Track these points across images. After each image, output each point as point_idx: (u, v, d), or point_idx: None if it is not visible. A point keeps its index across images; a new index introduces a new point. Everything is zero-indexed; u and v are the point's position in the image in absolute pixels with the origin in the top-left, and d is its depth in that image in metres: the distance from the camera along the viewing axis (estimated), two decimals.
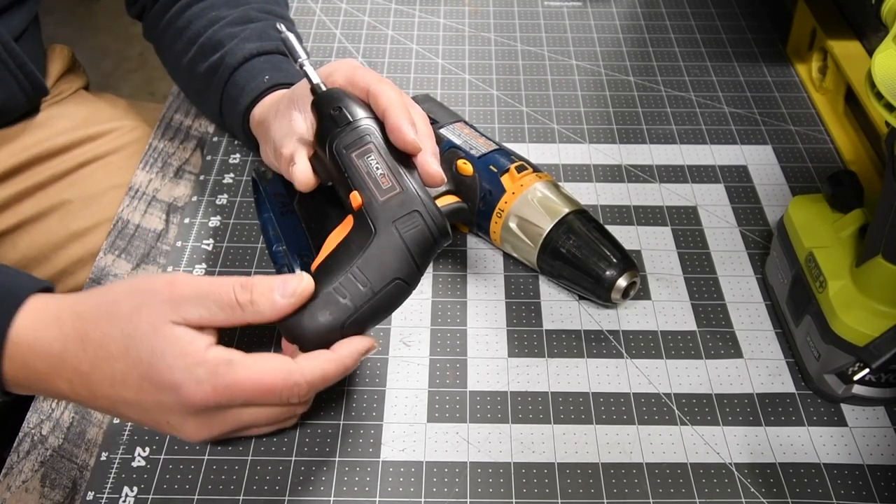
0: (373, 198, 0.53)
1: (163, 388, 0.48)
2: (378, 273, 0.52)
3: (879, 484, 0.55)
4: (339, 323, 0.51)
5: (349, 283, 0.52)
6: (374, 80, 0.57)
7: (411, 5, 0.99)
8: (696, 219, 0.73)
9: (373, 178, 0.54)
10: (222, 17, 0.76)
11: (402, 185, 0.54)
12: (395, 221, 0.53)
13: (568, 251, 0.63)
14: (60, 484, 0.56)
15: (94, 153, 0.86)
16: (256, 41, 0.73)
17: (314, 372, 0.50)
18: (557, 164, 0.78)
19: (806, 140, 0.81)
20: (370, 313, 0.52)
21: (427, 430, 0.58)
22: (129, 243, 0.71)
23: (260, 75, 0.70)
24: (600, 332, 0.64)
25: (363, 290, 0.51)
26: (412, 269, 0.53)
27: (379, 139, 0.55)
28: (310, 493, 0.55)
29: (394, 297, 0.53)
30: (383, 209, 0.53)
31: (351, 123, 0.55)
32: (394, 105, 0.55)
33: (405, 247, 0.53)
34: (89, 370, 0.49)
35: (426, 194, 0.54)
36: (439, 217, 0.54)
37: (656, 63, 0.91)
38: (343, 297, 0.51)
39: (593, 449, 0.57)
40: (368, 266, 0.52)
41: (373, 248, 0.52)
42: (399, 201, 0.53)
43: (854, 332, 0.55)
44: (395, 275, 0.52)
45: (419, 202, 0.53)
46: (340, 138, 0.55)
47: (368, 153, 0.54)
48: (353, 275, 0.52)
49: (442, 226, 0.54)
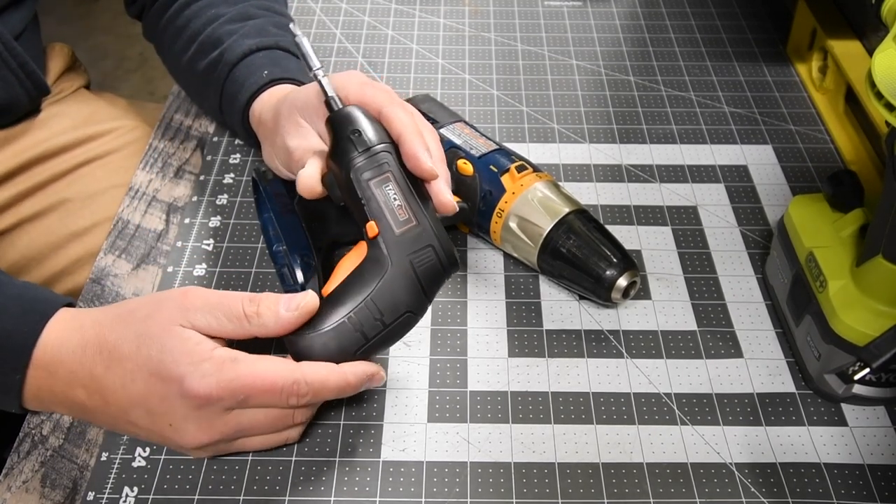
0: (389, 229, 0.54)
1: (169, 381, 0.50)
2: (391, 306, 0.53)
3: (880, 483, 0.55)
4: (350, 353, 0.53)
5: (362, 314, 0.53)
6: (385, 102, 0.57)
7: (411, 5, 0.99)
8: (696, 219, 0.73)
9: (390, 208, 0.54)
10: (221, 14, 0.76)
11: (418, 219, 0.54)
12: (410, 255, 0.54)
13: (568, 251, 0.63)
14: (61, 484, 0.56)
15: (95, 153, 0.86)
16: (255, 37, 0.73)
17: (316, 375, 0.51)
18: (557, 163, 0.78)
19: (806, 140, 0.81)
20: (380, 344, 0.54)
21: (427, 430, 0.58)
22: (129, 243, 0.71)
23: (259, 71, 0.71)
24: (600, 331, 0.64)
25: (375, 322, 0.53)
26: (422, 301, 0.54)
27: (396, 167, 0.55)
28: (310, 493, 0.55)
29: (403, 327, 0.54)
30: (399, 242, 0.54)
31: (369, 150, 0.55)
32: (408, 130, 0.55)
33: (418, 281, 0.54)
34: (103, 373, 0.51)
35: (439, 226, 0.55)
36: (450, 249, 0.55)
37: (656, 63, 0.91)
38: (356, 328, 0.52)
39: (593, 449, 0.57)
40: (382, 299, 0.53)
41: (387, 282, 0.53)
42: (415, 235, 0.54)
43: (854, 331, 0.55)
44: (407, 308, 0.53)
45: (433, 237, 0.54)
46: (359, 165, 0.55)
47: (386, 182, 0.55)
48: (367, 306, 0.53)
49: (452, 258, 0.55)
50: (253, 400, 0.50)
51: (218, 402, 0.50)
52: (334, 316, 0.52)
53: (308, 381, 0.51)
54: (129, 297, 0.67)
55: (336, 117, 0.56)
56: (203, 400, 0.49)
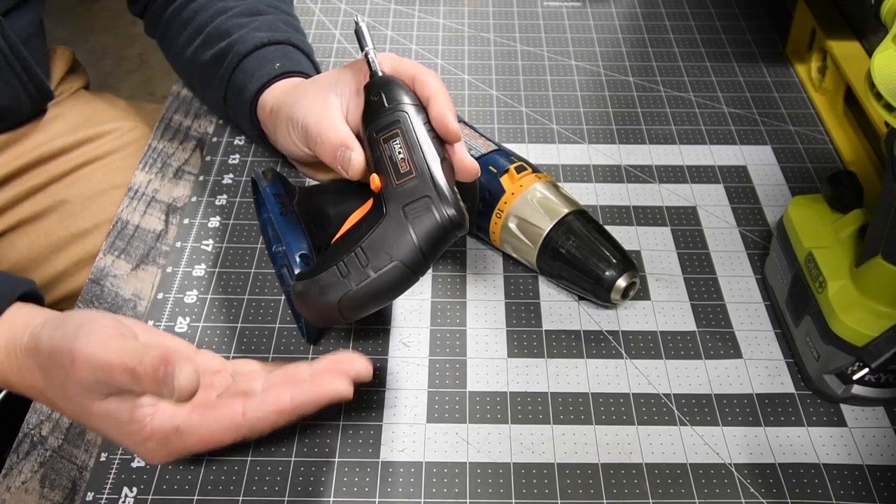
0: (389, 181, 0.55)
1: (121, 443, 0.51)
2: (380, 255, 0.53)
3: (879, 484, 0.55)
4: (336, 299, 0.52)
5: (352, 261, 0.53)
6: (420, 69, 0.59)
7: (411, 5, 0.99)
8: (695, 219, 0.73)
9: (393, 162, 0.55)
10: (229, 7, 0.76)
11: (419, 171, 0.54)
12: (405, 206, 0.54)
13: (567, 251, 0.63)
14: (60, 484, 0.56)
15: (94, 154, 0.86)
16: (267, 31, 0.74)
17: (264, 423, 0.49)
18: (557, 164, 0.78)
19: (805, 140, 0.81)
20: (367, 294, 0.53)
21: (427, 431, 0.58)
22: (128, 244, 0.71)
23: (270, 63, 0.71)
24: (600, 332, 0.64)
25: (362, 269, 0.52)
26: (416, 256, 0.53)
27: (409, 126, 0.56)
28: (310, 494, 0.55)
29: (394, 280, 0.53)
30: (396, 193, 0.54)
31: (386, 108, 0.57)
32: (439, 93, 0.57)
33: (411, 231, 0.53)
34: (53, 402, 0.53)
35: (445, 182, 0.54)
36: (452, 206, 0.54)
37: (656, 63, 0.91)
38: (344, 274, 0.52)
39: (593, 449, 0.57)
40: (372, 247, 0.53)
41: (379, 230, 0.53)
42: (412, 186, 0.54)
43: (854, 332, 0.55)
44: (396, 258, 0.53)
45: (432, 188, 0.54)
46: (375, 123, 0.57)
47: (394, 137, 0.56)
48: (357, 254, 0.53)
49: (454, 215, 0.54)
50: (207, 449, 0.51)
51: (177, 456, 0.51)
52: (328, 263, 0.53)
53: (255, 429, 0.49)
54: (129, 297, 0.67)
55: (368, 84, 0.59)
56: (158, 463, 0.52)
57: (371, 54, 0.59)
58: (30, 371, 0.52)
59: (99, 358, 0.47)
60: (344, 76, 0.63)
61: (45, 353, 0.50)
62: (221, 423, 0.49)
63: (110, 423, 0.49)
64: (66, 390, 0.49)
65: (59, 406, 0.52)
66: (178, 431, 0.49)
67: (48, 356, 0.50)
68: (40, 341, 0.51)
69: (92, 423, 0.51)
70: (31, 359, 0.52)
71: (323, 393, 0.48)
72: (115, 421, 0.49)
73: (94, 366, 0.47)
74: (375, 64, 0.59)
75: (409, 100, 0.57)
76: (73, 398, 0.50)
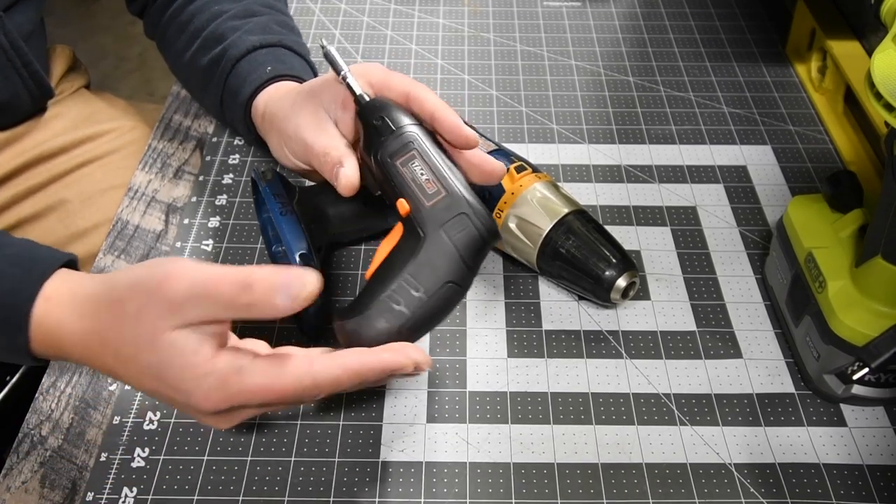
0: (419, 204, 0.54)
1: (176, 390, 0.48)
2: (430, 278, 0.53)
3: (879, 484, 0.55)
4: (395, 329, 0.52)
5: (402, 289, 0.52)
6: (411, 84, 0.58)
7: (410, 5, 0.99)
8: (695, 219, 0.73)
9: (418, 184, 0.55)
10: (225, 10, 0.76)
11: (448, 189, 0.54)
12: (443, 225, 0.53)
13: (567, 251, 0.63)
14: (60, 485, 0.56)
15: (94, 153, 0.86)
16: (259, 34, 0.73)
17: (327, 377, 0.49)
18: (557, 164, 0.78)
19: (805, 140, 0.81)
20: (425, 318, 0.53)
21: (427, 431, 0.58)
22: (128, 244, 0.71)
23: (262, 66, 0.71)
24: (600, 332, 0.64)
25: (416, 295, 0.52)
26: (463, 272, 0.53)
27: (422, 144, 0.56)
28: (310, 494, 0.55)
29: (447, 300, 0.53)
30: (430, 214, 0.54)
31: (394, 132, 0.56)
32: (440, 106, 0.57)
33: (455, 250, 0.53)
34: (112, 365, 0.50)
35: (472, 195, 0.55)
36: (486, 217, 0.54)
37: (656, 63, 0.91)
38: (397, 303, 0.52)
39: (593, 449, 0.57)
40: (420, 272, 0.53)
41: (423, 254, 0.53)
42: (445, 205, 0.54)
43: (853, 332, 0.55)
44: (447, 278, 0.53)
45: (465, 204, 0.54)
46: (385, 147, 0.56)
47: (412, 160, 0.55)
48: (406, 281, 0.52)
49: (489, 225, 0.54)
50: (264, 404, 0.49)
51: (226, 409, 0.49)
52: (376, 296, 0.52)
53: (318, 384, 0.48)
54: None
55: (364, 109, 0.58)
56: (212, 411, 0.48)
57: (349, 78, 0.58)
58: (92, 315, 0.50)
59: (201, 272, 0.47)
60: (327, 89, 0.61)
61: (124, 284, 0.49)
62: (286, 371, 0.48)
63: (173, 355, 0.47)
64: (139, 319, 0.48)
65: (112, 348, 0.49)
66: (240, 372, 0.47)
67: (128, 285, 0.49)
68: (115, 278, 0.50)
69: (150, 358, 0.48)
70: (92, 303, 0.51)
71: (390, 363, 0.49)
72: (181, 352, 0.47)
73: (192, 280, 0.46)
74: (357, 87, 0.58)
75: (410, 119, 0.57)
76: (142, 328, 0.48)
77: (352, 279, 0.68)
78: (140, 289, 0.49)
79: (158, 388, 0.49)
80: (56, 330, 0.51)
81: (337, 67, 0.59)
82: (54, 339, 0.51)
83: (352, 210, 0.67)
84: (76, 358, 0.51)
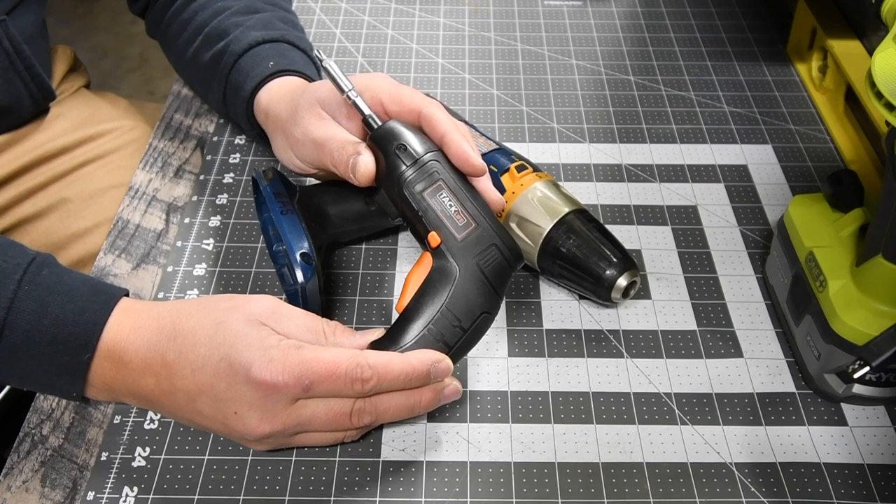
0: (451, 237, 0.55)
1: (237, 367, 0.50)
2: (467, 311, 0.54)
3: (880, 483, 0.55)
4: None
5: (440, 323, 0.54)
6: (424, 103, 0.59)
7: (411, 5, 0.99)
8: (696, 218, 0.73)
9: (448, 216, 0.56)
10: (227, 7, 0.76)
11: (477, 221, 0.56)
12: (476, 257, 0.55)
13: (568, 251, 0.63)
14: (61, 484, 0.56)
15: (95, 153, 0.86)
16: (261, 30, 0.73)
17: (379, 359, 0.52)
18: (557, 163, 0.78)
19: (806, 139, 0.81)
20: (462, 349, 0.55)
21: (427, 430, 0.58)
22: (129, 243, 0.71)
23: (264, 62, 0.71)
24: (600, 331, 0.64)
25: (454, 329, 0.54)
26: (494, 300, 0.55)
27: (445, 173, 0.57)
28: (310, 493, 0.55)
29: (481, 329, 0.55)
30: (463, 247, 0.55)
31: (417, 161, 0.56)
32: (451, 129, 0.57)
33: (488, 282, 0.55)
34: (175, 359, 0.52)
35: (497, 223, 0.56)
36: (512, 244, 0.56)
37: (656, 62, 0.91)
38: (437, 338, 0.54)
39: (593, 449, 0.57)
40: (457, 305, 0.54)
41: (458, 288, 0.54)
42: (476, 237, 0.55)
43: (854, 331, 0.55)
44: (482, 309, 0.55)
45: (495, 235, 0.56)
46: (410, 179, 0.56)
47: (439, 190, 0.56)
48: (444, 315, 0.54)
49: (516, 252, 0.56)
50: (317, 386, 0.50)
51: (283, 389, 0.50)
52: (414, 330, 0.54)
53: (371, 364, 0.51)
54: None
55: (378, 135, 0.58)
56: (269, 387, 0.50)
57: (355, 98, 0.58)
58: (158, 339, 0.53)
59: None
60: (329, 101, 0.62)
61: (198, 302, 0.55)
62: (341, 350, 0.52)
63: (250, 334, 0.51)
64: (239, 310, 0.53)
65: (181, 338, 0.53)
66: (300, 347, 0.51)
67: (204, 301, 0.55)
68: (184, 302, 0.56)
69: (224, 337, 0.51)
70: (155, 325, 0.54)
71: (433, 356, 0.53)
72: (246, 333, 0.51)
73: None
74: (365, 107, 0.58)
75: (428, 144, 0.57)
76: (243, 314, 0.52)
77: (352, 279, 0.68)
78: (246, 297, 0.55)
79: (218, 371, 0.51)
80: (127, 338, 0.53)
81: (340, 85, 0.59)
82: (123, 348, 0.53)
83: (352, 209, 0.67)
84: (137, 364, 0.53)
